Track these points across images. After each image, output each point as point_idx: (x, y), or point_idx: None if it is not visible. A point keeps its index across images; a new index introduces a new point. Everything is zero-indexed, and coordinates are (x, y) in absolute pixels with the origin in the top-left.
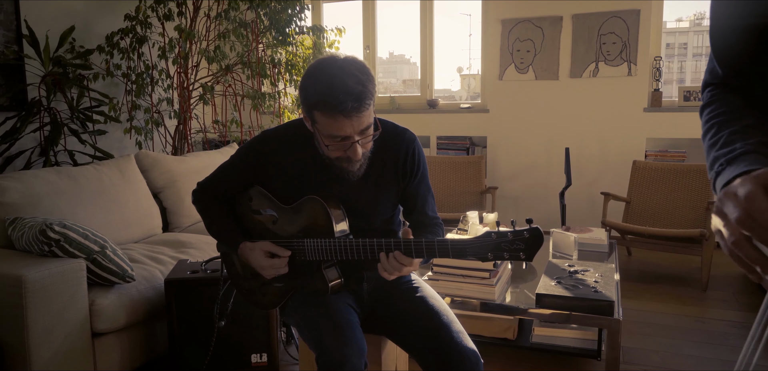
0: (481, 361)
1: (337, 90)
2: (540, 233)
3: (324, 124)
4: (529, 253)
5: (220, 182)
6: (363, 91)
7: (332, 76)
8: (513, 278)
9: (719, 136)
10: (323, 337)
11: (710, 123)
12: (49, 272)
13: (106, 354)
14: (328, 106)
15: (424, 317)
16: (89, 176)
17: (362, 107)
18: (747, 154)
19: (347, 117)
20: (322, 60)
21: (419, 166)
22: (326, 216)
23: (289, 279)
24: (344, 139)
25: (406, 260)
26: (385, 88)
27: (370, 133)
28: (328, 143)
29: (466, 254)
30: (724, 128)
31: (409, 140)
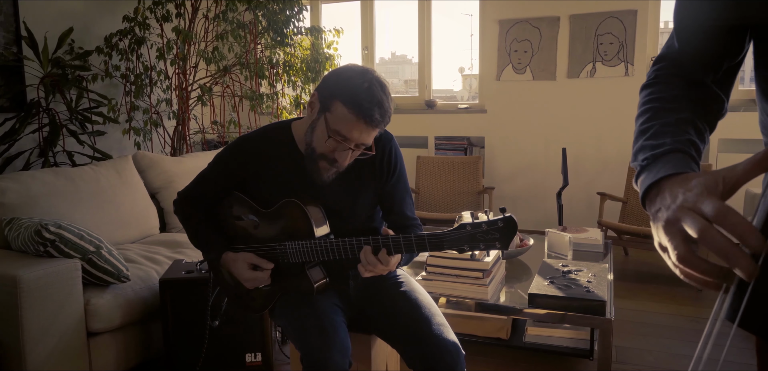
0: (462, 354)
1: (373, 96)
2: (513, 221)
3: (339, 117)
4: (504, 242)
5: (199, 190)
6: (388, 110)
7: (372, 83)
8: (507, 278)
9: (652, 124)
10: (308, 337)
11: (647, 106)
12: (44, 272)
13: (101, 354)
14: (357, 104)
15: (407, 311)
16: (86, 177)
17: (382, 124)
18: (674, 153)
19: (366, 124)
20: (362, 66)
21: (396, 166)
22: (305, 218)
23: (275, 283)
24: (344, 140)
25: (384, 257)
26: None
27: (361, 150)
28: (330, 136)
29: (443, 246)
30: (658, 117)
31: (387, 140)
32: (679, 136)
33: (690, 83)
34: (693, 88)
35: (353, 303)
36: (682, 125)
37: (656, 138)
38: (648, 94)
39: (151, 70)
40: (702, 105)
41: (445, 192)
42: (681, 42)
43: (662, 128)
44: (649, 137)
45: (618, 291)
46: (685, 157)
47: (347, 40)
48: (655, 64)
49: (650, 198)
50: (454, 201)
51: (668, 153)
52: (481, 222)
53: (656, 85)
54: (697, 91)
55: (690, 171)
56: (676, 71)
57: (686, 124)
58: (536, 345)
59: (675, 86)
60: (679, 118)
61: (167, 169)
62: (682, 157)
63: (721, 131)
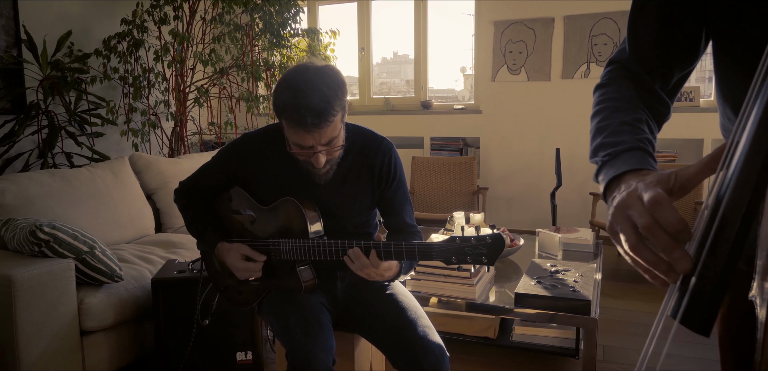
0: (447, 356)
1: (300, 105)
2: (502, 239)
3: (288, 132)
4: (491, 258)
5: (200, 182)
6: (326, 107)
7: (297, 89)
8: (496, 278)
9: (609, 122)
10: (293, 334)
11: (601, 105)
12: (37, 272)
13: (94, 352)
14: (290, 118)
15: (392, 314)
16: (83, 178)
17: (323, 123)
18: (635, 150)
19: (307, 131)
20: (294, 70)
21: (395, 174)
22: (301, 218)
23: (265, 278)
24: (303, 148)
25: (374, 260)
26: (389, 88)
27: (336, 144)
28: (293, 149)
29: (432, 256)
30: (614, 115)
31: (386, 149)
32: (638, 134)
33: (640, 87)
34: (643, 91)
35: (340, 303)
36: (639, 124)
37: (615, 135)
38: (602, 94)
39: (149, 73)
40: (651, 107)
41: (439, 192)
42: (632, 49)
43: (620, 127)
44: (607, 135)
45: (609, 291)
46: (644, 155)
47: (345, 41)
48: (608, 66)
49: (610, 191)
50: (449, 201)
51: (629, 150)
52: (470, 237)
53: (610, 85)
54: (647, 95)
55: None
56: (626, 74)
57: (642, 123)
58: (523, 344)
59: (627, 87)
60: (635, 117)
61: (163, 170)
62: (643, 155)
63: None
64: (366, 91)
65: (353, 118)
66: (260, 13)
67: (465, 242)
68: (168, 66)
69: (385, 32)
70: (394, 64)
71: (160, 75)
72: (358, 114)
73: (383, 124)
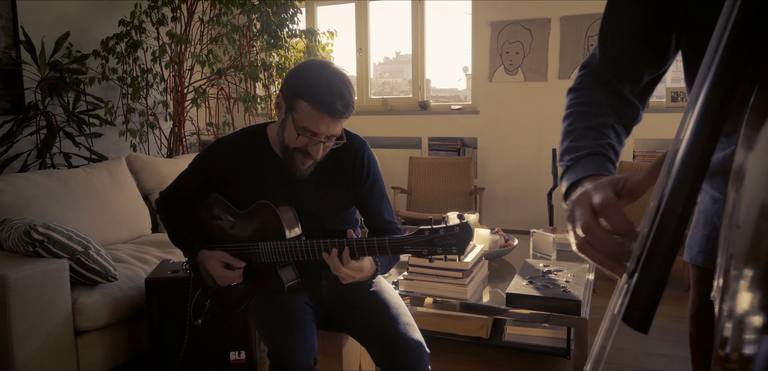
0: (427, 352)
1: (333, 89)
2: (469, 227)
3: (304, 114)
4: (461, 247)
5: (179, 191)
6: (350, 100)
7: (329, 76)
8: (490, 278)
9: (575, 126)
10: (274, 335)
11: (571, 109)
12: (31, 271)
13: (89, 352)
14: (318, 100)
15: (375, 311)
16: (79, 178)
17: (346, 114)
18: (595, 156)
19: (331, 116)
20: (318, 61)
21: (369, 171)
22: (277, 220)
23: (250, 281)
24: (314, 135)
25: (345, 259)
26: (392, 87)
27: (333, 140)
28: (299, 133)
29: (403, 250)
30: (581, 120)
31: (359, 146)
32: (600, 139)
33: (609, 91)
34: (612, 95)
35: (325, 302)
36: (603, 129)
37: (579, 140)
38: (573, 98)
39: (148, 73)
40: (620, 111)
41: (437, 192)
42: (602, 54)
43: (585, 131)
44: (573, 139)
45: (603, 291)
46: (604, 160)
47: (343, 42)
48: (580, 71)
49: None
50: (446, 201)
51: (589, 155)
52: (439, 227)
53: (581, 89)
54: (615, 99)
55: (606, 173)
56: (597, 79)
57: (607, 128)
58: (515, 344)
59: (597, 92)
60: (600, 122)
61: (160, 170)
62: (602, 160)
63: None
64: (364, 92)
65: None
66: (258, 13)
67: (434, 233)
68: (165, 67)
69: (386, 32)
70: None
71: (158, 76)
72: (356, 114)
73: (381, 124)
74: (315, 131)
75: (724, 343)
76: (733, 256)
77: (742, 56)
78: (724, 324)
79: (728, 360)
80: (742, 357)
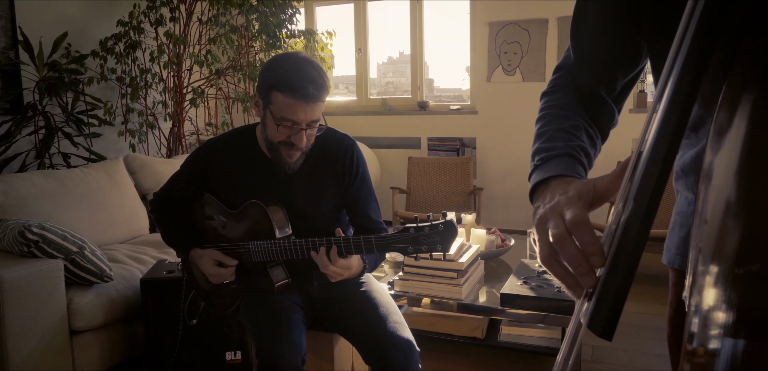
0: (417, 350)
1: (303, 75)
2: (453, 225)
3: (280, 105)
4: (445, 245)
5: (172, 192)
6: (323, 83)
7: (299, 64)
8: (486, 278)
9: (547, 128)
10: (262, 335)
11: (543, 112)
12: (26, 272)
13: (84, 352)
14: (291, 87)
15: (365, 311)
16: (76, 179)
17: (319, 97)
18: (565, 156)
19: (306, 102)
20: (286, 54)
21: (358, 170)
22: (267, 220)
23: (241, 281)
24: (294, 124)
25: (333, 257)
26: (395, 87)
27: (316, 127)
28: (278, 124)
29: (389, 248)
30: (553, 122)
31: (348, 145)
32: (571, 141)
33: (583, 93)
34: (586, 97)
35: (316, 302)
36: (575, 131)
37: (550, 141)
38: (546, 102)
39: (147, 73)
40: (594, 114)
41: (435, 193)
42: (575, 55)
43: (556, 133)
44: (544, 140)
45: None
46: (573, 161)
47: (342, 42)
48: (554, 74)
49: (537, 195)
50: (445, 201)
51: (559, 156)
52: (424, 225)
53: (554, 93)
54: (589, 100)
55: (576, 175)
56: (570, 80)
57: (578, 130)
58: (510, 344)
59: (570, 95)
60: (572, 124)
61: (158, 171)
62: (571, 161)
63: None
64: (363, 92)
65: (351, 119)
66: (256, 14)
67: (419, 231)
68: (164, 67)
69: (385, 33)
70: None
71: (157, 76)
72: (356, 114)
73: (380, 124)
74: (294, 119)
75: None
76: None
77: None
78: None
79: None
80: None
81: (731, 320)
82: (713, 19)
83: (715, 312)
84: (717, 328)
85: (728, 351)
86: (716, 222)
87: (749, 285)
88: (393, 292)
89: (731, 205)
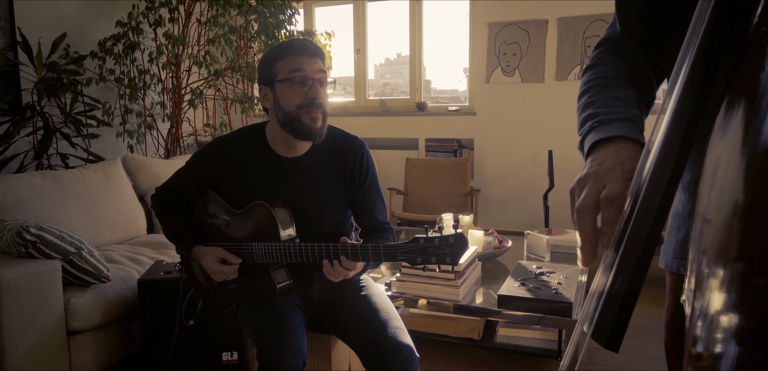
0: (416, 356)
1: (298, 41)
2: (464, 238)
3: (284, 67)
4: (454, 257)
5: (176, 187)
6: (319, 48)
7: (289, 39)
8: (484, 279)
9: (599, 96)
10: (263, 336)
11: (592, 82)
12: (23, 272)
13: (81, 352)
14: (290, 49)
15: (365, 315)
16: (74, 179)
17: (319, 53)
18: (624, 121)
19: (307, 55)
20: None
21: (368, 172)
22: (272, 221)
23: (241, 281)
24: (304, 76)
25: (349, 264)
26: (393, 88)
27: (326, 81)
28: (291, 82)
29: (396, 257)
30: (605, 90)
31: (358, 147)
32: (629, 109)
33: (632, 66)
34: (635, 70)
35: (316, 304)
36: (630, 101)
37: (606, 106)
38: (592, 74)
39: (145, 74)
40: (642, 88)
41: (433, 194)
42: (622, 26)
43: (611, 100)
44: (599, 106)
45: None
46: (634, 127)
47: (342, 43)
48: (598, 48)
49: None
50: (442, 203)
51: (619, 120)
52: (434, 237)
53: (600, 65)
54: (638, 73)
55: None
56: (618, 53)
57: (632, 101)
58: (507, 345)
59: (618, 67)
60: (626, 94)
61: (156, 171)
62: (631, 126)
63: None
64: (362, 93)
65: (349, 119)
66: (255, 14)
67: (429, 243)
68: (162, 68)
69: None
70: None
71: (156, 77)
72: (354, 115)
73: (379, 125)
74: (301, 68)
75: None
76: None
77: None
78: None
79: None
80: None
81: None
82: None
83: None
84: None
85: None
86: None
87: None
88: (390, 293)
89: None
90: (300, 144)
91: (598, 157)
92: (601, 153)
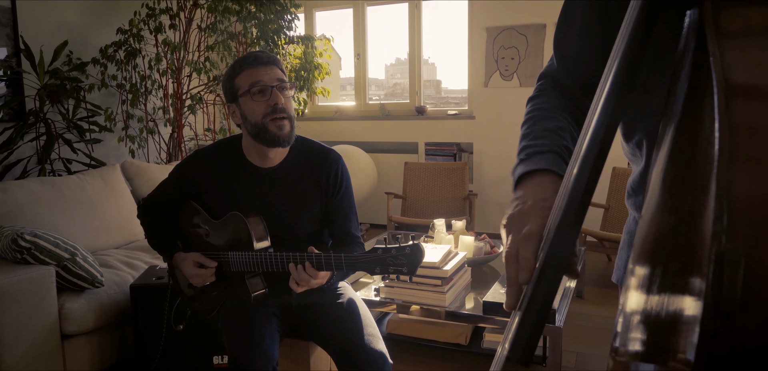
0: (389, 363)
1: (251, 55)
2: (420, 248)
3: (244, 81)
4: (412, 267)
5: (159, 199)
6: (273, 56)
7: (248, 53)
8: (474, 284)
9: (533, 129)
10: (235, 345)
11: (529, 115)
12: (18, 278)
13: (75, 355)
14: (244, 63)
15: (340, 321)
16: (72, 185)
17: (273, 60)
18: (550, 153)
19: (263, 65)
20: None
21: (342, 184)
22: (246, 231)
23: (222, 288)
24: (263, 86)
25: (312, 272)
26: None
27: (287, 88)
28: (252, 96)
29: (357, 267)
30: (539, 123)
31: (334, 160)
32: (557, 141)
33: (567, 97)
34: (570, 100)
35: (294, 312)
36: (561, 132)
37: (536, 139)
38: (532, 107)
39: (146, 80)
40: (578, 117)
41: (431, 198)
42: (559, 61)
43: (542, 132)
44: (530, 139)
45: (593, 298)
46: (557, 158)
47: (341, 47)
48: (539, 80)
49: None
50: (440, 207)
51: (545, 152)
52: (391, 247)
53: (539, 97)
54: (573, 104)
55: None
56: (556, 86)
57: (564, 131)
58: (493, 350)
59: (555, 98)
60: (557, 125)
61: (155, 177)
62: (555, 158)
63: None
64: (362, 97)
65: (349, 124)
66: (254, 20)
67: (386, 253)
68: (162, 74)
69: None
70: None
71: (157, 83)
72: (354, 119)
73: (379, 129)
74: (260, 80)
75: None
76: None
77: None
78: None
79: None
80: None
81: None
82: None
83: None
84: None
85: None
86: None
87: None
88: (378, 299)
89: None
90: (272, 152)
91: (522, 192)
92: (525, 188)
